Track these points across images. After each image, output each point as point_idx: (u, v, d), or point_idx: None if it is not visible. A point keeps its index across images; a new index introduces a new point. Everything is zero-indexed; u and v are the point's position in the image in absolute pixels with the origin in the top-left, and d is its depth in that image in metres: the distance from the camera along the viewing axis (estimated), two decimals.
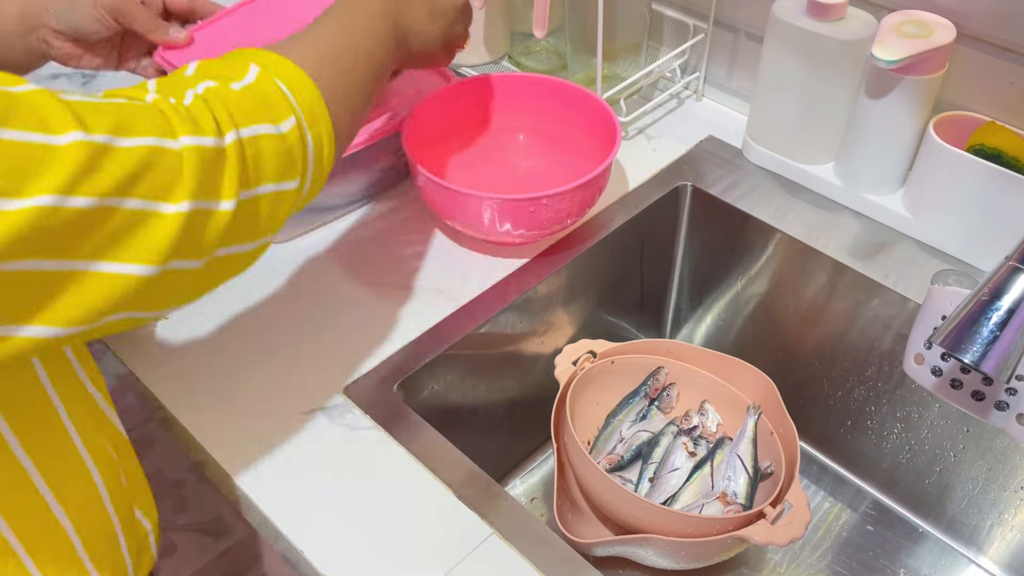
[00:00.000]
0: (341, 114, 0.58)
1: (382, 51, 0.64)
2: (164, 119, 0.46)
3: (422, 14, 0.69)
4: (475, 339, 0.78)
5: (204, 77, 0.51)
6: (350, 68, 0.60)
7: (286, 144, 0.52)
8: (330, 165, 0.57)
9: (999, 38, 0.75)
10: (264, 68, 0.53)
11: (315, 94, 0.55)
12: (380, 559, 0.61)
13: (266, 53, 0.55)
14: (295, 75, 0.54)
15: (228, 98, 0.50)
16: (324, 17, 0.63)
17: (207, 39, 0.81)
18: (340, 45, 0.60)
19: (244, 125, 0.49)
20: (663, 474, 0.79)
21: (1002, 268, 0.54)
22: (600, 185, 0.80)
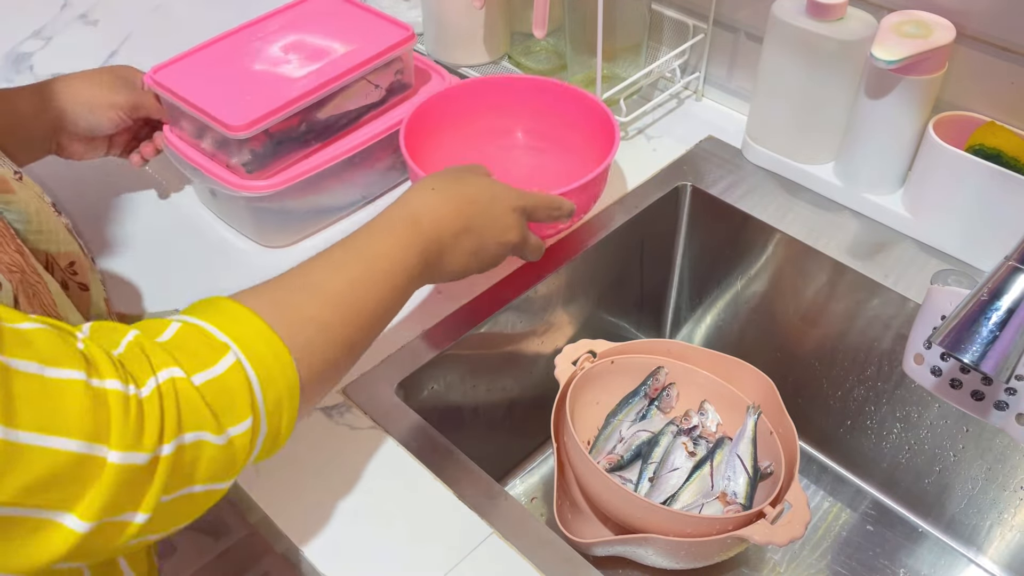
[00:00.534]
0: (329, 373, 0.55)
1: (405, 282, 0.61)
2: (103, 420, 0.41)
3: (462, 256, 0.66)
4: (475, 339, 0.78)
5: (175, 355, 0.46)
6: (356, 315, 0.57)
7: (230, 451, 0.48)
8: (288, 433, 0.53)
9: (999, 38, 0.75)
10: (242, 354, 0.48)
11: (290, 383, 0.51)
12: (380, 558, 0.61)
13: (253, 322, 0.50)
14: (274, 363, 0.50)
15: (186, 397, 0.45)
16: (347, 246, 0.59)
17: (199, 64, 0.82)
18: (349, 293, 0.57)
19: (190, 430, 0.45)
20: (663, 474, 0.79)
21: (1002, 268, 0.54)
22: (599, 187, 0.80)
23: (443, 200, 0.64)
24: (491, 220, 0.67)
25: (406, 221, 0.62)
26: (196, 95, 0.78)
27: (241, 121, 0.75)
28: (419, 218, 0.63)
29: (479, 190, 0.67)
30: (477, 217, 0.65)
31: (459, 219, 0.64)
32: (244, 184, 0.78)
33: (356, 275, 0.58)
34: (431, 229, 0.63)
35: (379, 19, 0.86)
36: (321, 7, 0.88)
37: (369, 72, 0.82)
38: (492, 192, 0.68)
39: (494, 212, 0.67)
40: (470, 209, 0.65)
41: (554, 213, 0.73)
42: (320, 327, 0.54)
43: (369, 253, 0.60)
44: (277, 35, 0.85)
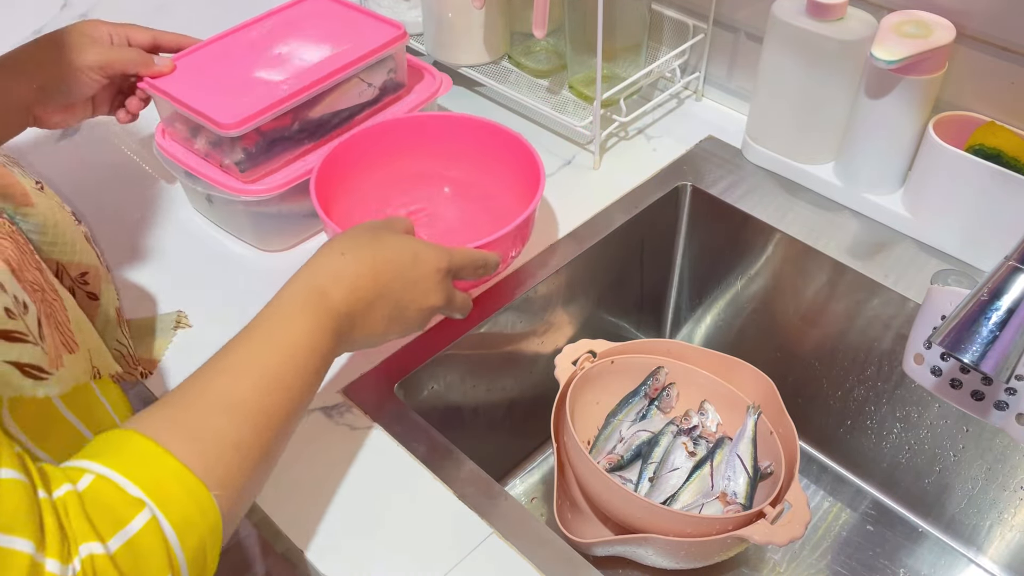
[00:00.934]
0: (250, 490, 0.52)
1: (318, 365, 0.57)
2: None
3: (379, 325, 0.61)
4: (475, 339, 0.78)
5: (92, 517, 0.43)
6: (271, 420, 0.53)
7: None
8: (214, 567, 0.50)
9: (999, 38, 0.75)
10: (156, 507, 0.45)
11: (211, 524, 0.47)
12: (380, 558, 0.61)
13: (166, 464, 0.46)
14: (193, 508, 0.46)
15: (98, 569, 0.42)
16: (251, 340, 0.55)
17: (192, 66, 0.82)
18: (261, 399, 0.52)
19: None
20: (663, 474, 0.79)
21: (1002, 268, 0.54)
22: (527, 229, 0.77)
23: (354, 266, 0.59)
24: (410, 284, 0.62)
25: (313, 297, 0.57)
26: (189, 96, 0.78)
27: (232, 119, 0.75)
28: (327, 291, 0.58)
29: (396, 252, 0.62)
30: (394, 282, 0.61)
31: (373, 287, 0.60)
32: (241, 188, 0.78)
33: (266, 377, 0.53)
34: (342, 302, 0.58)
35: (371, 19, 0.87)
36: (314, 8, 0.88)
37: (361, 71, 0.82)
38: (412, 252, 0.62)
39: (413, 275, 0.62)
40: (386, 274, 0.60)
41: (479, 271, 0.69)
42: (236, 448, 0.50)
43: (275, 345, 0.55)
44: (269, 36, 0.85)
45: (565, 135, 0.97)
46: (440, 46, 0.99)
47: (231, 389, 0.52)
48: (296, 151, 0.82)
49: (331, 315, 0.57)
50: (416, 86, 0.90)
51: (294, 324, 0.56)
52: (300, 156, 0.82)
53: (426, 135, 0.85)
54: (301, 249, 0.84)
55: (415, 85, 0.90)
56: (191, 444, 0.48)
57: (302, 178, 0.80)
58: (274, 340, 0.55)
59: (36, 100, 0.74)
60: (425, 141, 0.85)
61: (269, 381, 0.53)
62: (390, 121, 0.84)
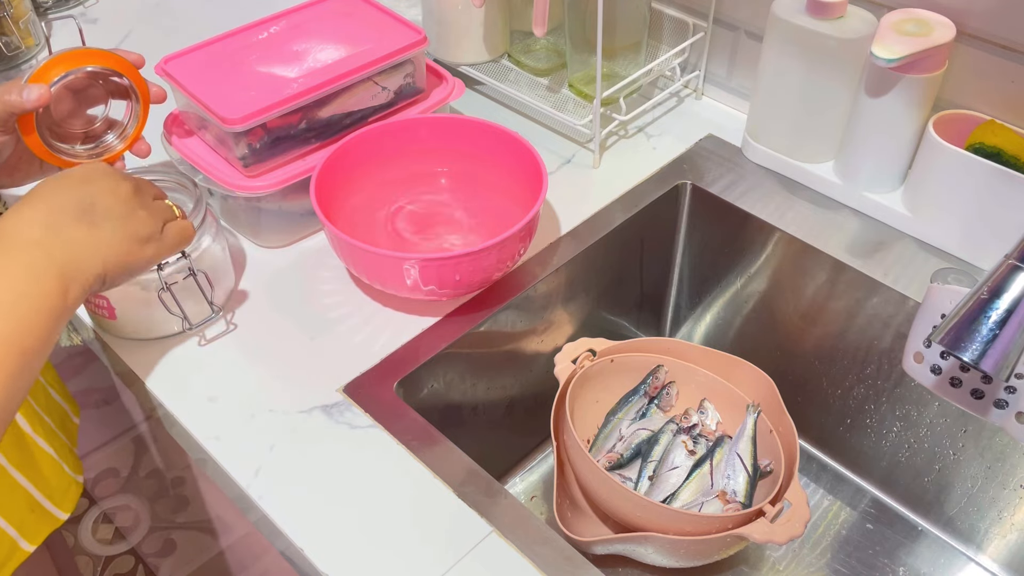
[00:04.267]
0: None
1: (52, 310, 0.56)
2: None
3: (80, 229, 0.59)
4: (475, 337, 0.78)
5: None
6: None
7: None
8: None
9: (999, 36, 0.75)
10: None
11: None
12: (379, 556, 0.61)
13: None
14: None
15: None
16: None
17: (209, 57, 0.82)
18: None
19: None
20: (663, 472, 0.79)
21: (1001, 266, 0.54)
22: (532, 229, 0.77)
23: (16, 211, 0.58)
24: (79, 189, 0.61)
25: (2, 242, 0.56)
26: (200, 87, 0.78)
27: (237, 114, 0.75)
28: (6, 228, 0.57)
29: (49, 180, 0.62)
30: (63, 197, 0.60)
31: (47, 210, 0.59)
32: (241, 184, 0.79)
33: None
34: (17, 236, 0.57)
35: (394, 21, 0.87)
36: (338, 7, 0.88)
37: (374, 74, 0.82)
38: (61, 174, 0.62)
39: (75, 185, 0.61)
40: (49, 195, 0.60)
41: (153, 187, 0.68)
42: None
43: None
44: (291, 32, 0.85)
45: (565, 134, 0.97)
46: (440, 45, 0.99)
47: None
48: (301, 150, 0.82)
49: (10, 251, 0.56)
50: (430, 91, 0.90)
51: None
52: (305, 155, 0.82)
53: (428, 136, 0.85)
54: (299, 247, 0.84)
55: (433, 91, 0.90)
56: None
57: (301, 176, 0.80)
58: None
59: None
60: (427, 142, 0.86)
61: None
62: (394, 123, 0.84)
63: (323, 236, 0.85)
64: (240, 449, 0.68)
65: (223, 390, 0.72)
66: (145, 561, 1.56)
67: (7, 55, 1.07)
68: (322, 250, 0.84)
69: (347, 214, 0.82)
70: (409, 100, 0.88)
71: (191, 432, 0.69)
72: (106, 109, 0.75)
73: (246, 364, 0.74)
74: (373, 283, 0.76)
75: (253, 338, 0.76)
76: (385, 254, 0.72)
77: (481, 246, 0.71)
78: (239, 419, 0.70)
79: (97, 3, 1.19)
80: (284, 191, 0.80)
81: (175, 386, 0.72)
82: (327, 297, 0.80)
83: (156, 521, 1.57)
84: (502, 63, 1.01)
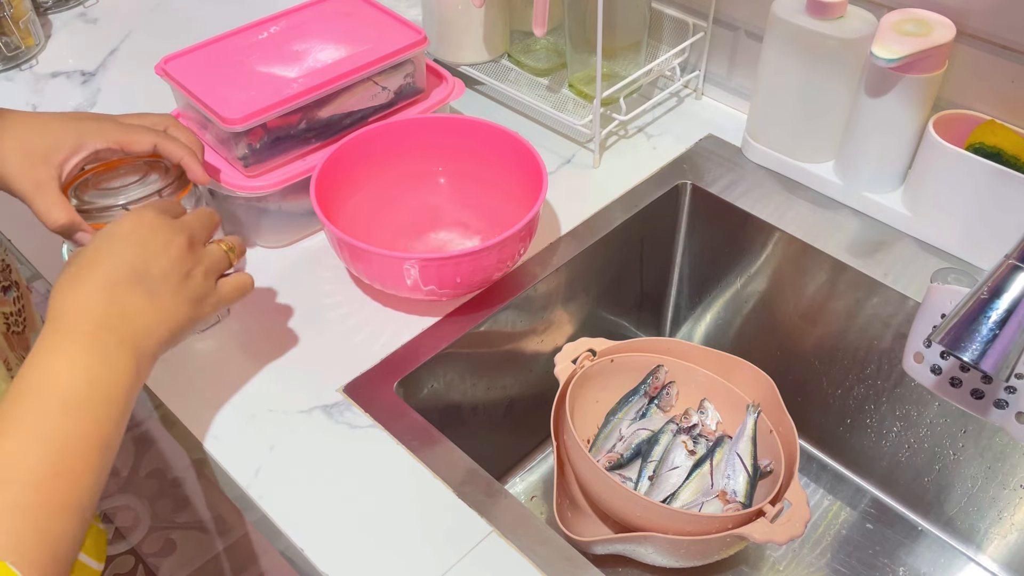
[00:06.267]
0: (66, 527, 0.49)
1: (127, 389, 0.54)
2: None
3: (141, 298, 0.57)
4: (475, 337, 0.78)
5: None
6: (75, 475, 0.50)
7: None
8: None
9: (999, 36, 0.75)
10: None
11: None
12: (379, 556, 0.61)
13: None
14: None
15: None
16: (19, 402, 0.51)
17: (209, 57, 0.82)
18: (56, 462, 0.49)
19: None
20: (663, 472, 0.79)
21: (1001, 266, 0.54)
22: (532, 228, 0.76)
23: (71, 288, 0.56)
24: (133, 253, 0.58)
25: (62, 326, 0.54)
26: (200, 87, 0.78)
27: (237, 114, 0.75)
28: (66, 310, 0.55)
29: (94, 245, 0.58)
30: (117, 266, 0.57)
31: (102, 286, 0.56)
32: (241, 184, 0.79)
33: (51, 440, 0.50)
34: (84, 316, 0.55)
35: (394, 21, 0.87)
36: (338, 7, 0.88)
37: (374, 74, 0.82)
38: (106, 234, 0.59)
39: (126, 248, 0.58)
40: (101, 267, 0.57)
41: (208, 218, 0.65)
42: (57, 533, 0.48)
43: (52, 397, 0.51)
44: (291, 32, 0.85)
45: (565, 133, 0.97)
46: (440, 45, 0.99)
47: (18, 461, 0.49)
48: (302, 150, 0.82)
49: (81, 338, 0.54)
50: (430, 91, 0.90)
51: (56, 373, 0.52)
52: (305, 155, 0.82)
53: (428, 137, 0.85)
54: (299, 247, 0.84)
55: (430, 90, 0.90)
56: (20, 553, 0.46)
57: (301, 176, 0.80)
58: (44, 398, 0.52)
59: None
60: (427, 142, 0.85)
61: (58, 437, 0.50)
62: (394, 123, 0.84)
63: (323, 236, 0.85)
64: (240, 449, 0.68)
65: (223, 390, 0.72)
66: (145, 561, 1.56)
67: (7, 55, 1.07)
68: (322, 250, 0.84)
69: (347, 214, 0.82)
70: (409, 100, 0.88)
71: (191, 432, 0.69)
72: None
73: (246, 364, 0.74)
74: (373, 283, 0.76)
75: (253, 338, 0.76)
76: (385, 254, 0.72)
77: (481, 246, 0.71)
78: (239, 419, 0.70)
79: (97, 3, 1.19)
80: (284, 191, 0.80)
81: (175, 386, 0.72)
82: (327, 297, 0.80)
83: (156, 521, 1.57)
84: (502, 63, 1.01)
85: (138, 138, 0.65)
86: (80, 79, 1.05)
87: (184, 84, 0.79)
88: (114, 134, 0.65)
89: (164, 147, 0.67)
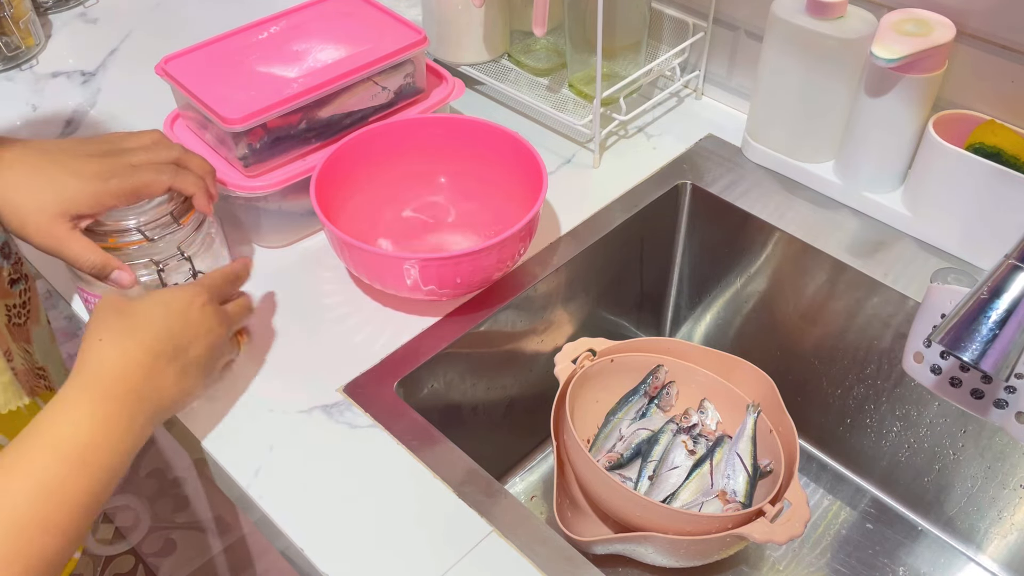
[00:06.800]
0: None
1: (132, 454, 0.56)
2: None
3: (174, 384, 0.60)
4: (475, 337, 0.78)
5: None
6: (51, 530, 0.50)
7: None
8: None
9: (999, 36, 0.75)
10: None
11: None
12: (380, 556, 0.61)
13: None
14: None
15: None
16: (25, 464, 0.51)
17: (209, 57, 0.82)
18: (51, 510, 0.50)
19: None
20: (663, 472, 0.79)
21: (1001, 266, 0.54)
22: (532, 228, 0.76)
23: (115, 346, 0.57)
24: (178, 330, 0.60)
25: (85, 395, 0.55)
26: (200, 87, 0.78)
27: (237, 114, 0.75)
28: (99, 380, 0.56)
29: (148, 312, 0.60)
30: (160, 336, 0.59)
31: (142, 353, 0.58)
32: (241, 184, 0.79)
33: (49, 490, 0.51)
34: (118, 383, 0.56)
35: (394, 21, 0.87)
36: (338, 7, 0.88)
37: (374, 74, 0.82)
38: (161, 303, 0.61)
39: (175, 322, 0.61)
40: (148, 335, 0.59)
41: (236, 282, 0.69)
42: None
43: (61, 454, 0.52)
44: (291, 32, 0.85)
45: (565, 133, 0.97)
46: (440, 45, 0.99)
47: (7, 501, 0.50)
48: (302, 150, 0.82)
49: (112, 401, 0.55)
50: (430, 91, 0.90)
51: (78, 427, 0.54)
52: (305, 155, 0.82)
53: (428, 137, 0.85)
54: (299, 247, 0.84)
55: (430, 90, 0.90)
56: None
57: (301, 176, 0.80)
58: (60, 449, 0.52)
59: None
60: (427, 143, 0.85)
61: (52, 495, 0.51)
62: (394, 123, 0.84)
63: (323, 236, 0.85)
64: (240, 449, 0.68)
65: (223, 390, 0.72)
66: (145, 561, 1.56)
67: (7, 55, 1.07)
68: (322, 250, 0.84)
69: (347, 214, 0.82)
70: (409, 100, 0.88)
71: (191, 432, 0.69)
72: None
73: (246, 364, 0.74)
74: (373, 283, 0.76)
75: (253, 338, 0.76)
76: (385, 254, 0.72)
77: (481, 246, 0.71)
78: (239, 419, 0.70)
79: (97, 3, 1.19)
80: (284, 191, 0.80)
81: None
82: (327, 297, 0.80)
83: (156, 521, 1.57)
84: (502, 63, 1.01)
85: (151, 181, 0.64)
86: (80, 79, 1.05)
87: (184, 84, 0.79)
88: (129, 183, 0.64)
89: (178, 185, 0.67)
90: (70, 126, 0.99)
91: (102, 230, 0.67)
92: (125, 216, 0.67)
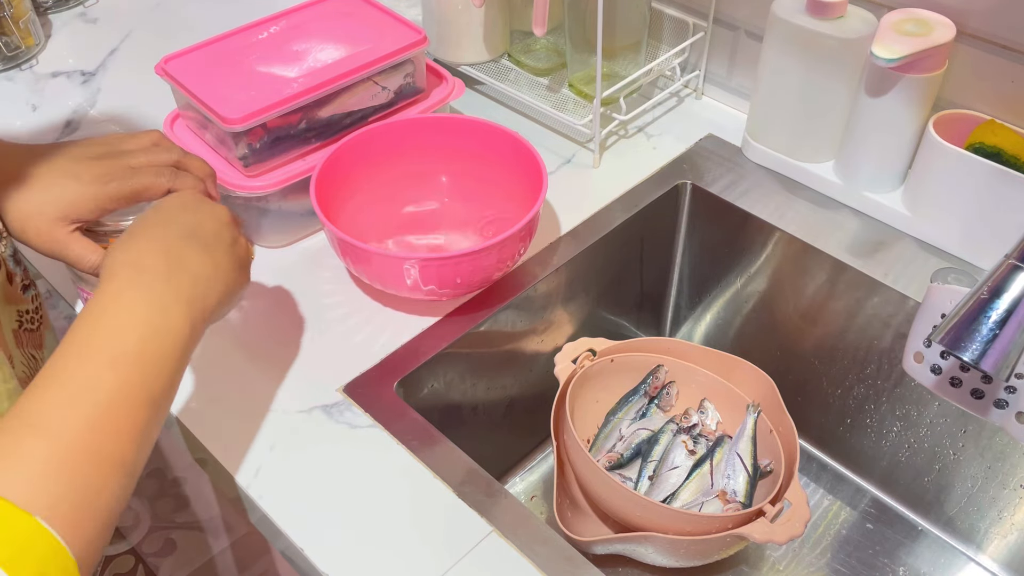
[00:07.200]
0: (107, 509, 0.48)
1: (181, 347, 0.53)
2: None
3: (197, 254, 0.57)
4: (475, 337, 0.78)
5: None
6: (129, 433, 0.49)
7: None
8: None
9: (999, 36, 0.75)
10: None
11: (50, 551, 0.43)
12: (380, 556, 0.61)
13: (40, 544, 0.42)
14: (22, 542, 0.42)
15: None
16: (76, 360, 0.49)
17: (209, 57, 0.82)
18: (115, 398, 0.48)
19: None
20: (663, 472, 0.79)
21: (1001, 266, 0.54)
22: (532, 228, 0.76)
23: (142, 232, 0.57)
24: (177, 214, 0.59)
25: (119, 278, 0.53)
26: (200, 87, 0.78)
27: (237, 114, 0.75)
28: (124, 263, 0.54)
29: (142, 219, 0.59)
30: (166, 224, 0.58)
31: (151, 240, 0.57)
32: (241, 184, 0.79)
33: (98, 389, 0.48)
34: (145, 263, 0.54)
35: (394, 21, 0.87)
36: (338, 7, 0.88)
37: (374, 74, 0.82)
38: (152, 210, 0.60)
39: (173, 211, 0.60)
40: (152, 228, 0.58)
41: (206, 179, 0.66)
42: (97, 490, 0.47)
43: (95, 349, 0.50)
44: (291, 31, 0.85)
45: (565, 133, 0.97)
46: (440, 45, 0.99)
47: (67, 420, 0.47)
48: (302, 149, 0.82)
49: (142, 288, 0.53)
50: (430, 91, 0.90)
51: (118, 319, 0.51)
52: (305, 155, 0.82)
53: (428, 137, 0.85)
54: (299, 247, 0.84)
55: (430, 90, 0.90)
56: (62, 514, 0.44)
57: (301, 176, 0.80)
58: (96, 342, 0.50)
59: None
60: (427, 143, 0.85)
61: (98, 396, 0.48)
62: (394, 123, 0.84)
63: (323, 236, 0.85)
64: (240, 449, 0.68)
65: (223, 390, 0.72)
66: (145, 561, 1.56)
67: (7, 55, 1.07)
68: (322, 250, 0.84)
69: (347, 214, 0.82)
70: (409, 100, 0.88)
71: (191, 432, 0.69)
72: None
73: (246, 364, 0.74)
74: (373, 283, 0.76)
75: (253, 338, 0.76)
76: (385, 254, 0.72)
77: (481, 246, 0.71)
78: (239, 419, 0.70)
79: (97, 3, 1.19)
80: (284, 191, 0.80)
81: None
82: (327, 297, 0.80)
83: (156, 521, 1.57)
84: (502, 63, 1.01)
85: (150, 184, 0.64)
86: (80, 79, 1.05)
87: (184, 84, 0.79)
88: (128, 186, 0.63)
89: (177, 188, 0.66)
90: (70, 126, 0.99)
91: (102, 231, 0.67)
92: (125, 217, 0.67)
